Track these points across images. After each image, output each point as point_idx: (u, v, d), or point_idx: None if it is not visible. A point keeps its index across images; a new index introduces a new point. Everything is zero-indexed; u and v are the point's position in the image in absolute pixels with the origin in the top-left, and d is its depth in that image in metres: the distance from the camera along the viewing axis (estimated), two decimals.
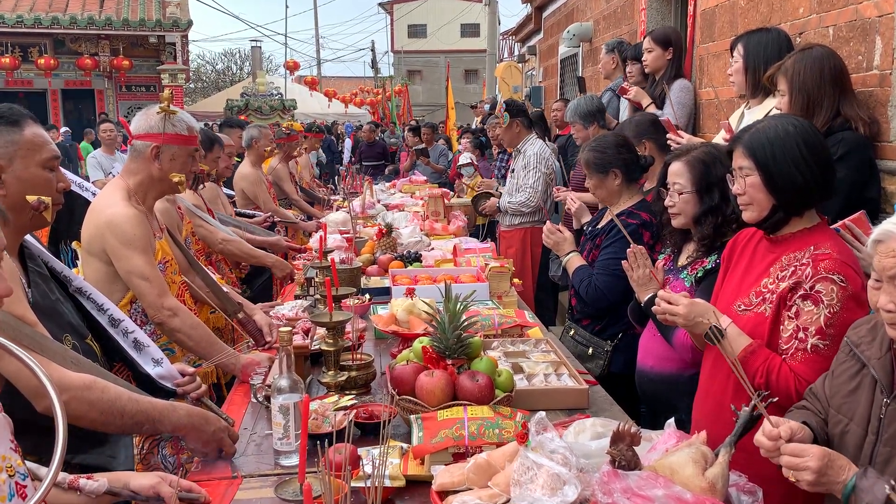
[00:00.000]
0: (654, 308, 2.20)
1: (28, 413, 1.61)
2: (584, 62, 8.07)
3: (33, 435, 1.71)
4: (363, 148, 13.65)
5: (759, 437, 1.58)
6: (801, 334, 1.91)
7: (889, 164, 2.68)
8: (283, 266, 4.26)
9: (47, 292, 1.89)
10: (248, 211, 5.47)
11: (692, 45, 4.71)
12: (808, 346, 1.90)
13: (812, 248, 1.96)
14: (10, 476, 1.24)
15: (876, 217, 2.35)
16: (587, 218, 3.78)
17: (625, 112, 4.82)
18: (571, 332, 3.31)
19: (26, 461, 1.43)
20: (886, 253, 1.49)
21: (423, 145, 10.53)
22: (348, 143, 18.04)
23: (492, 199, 5.70)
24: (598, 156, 3.22)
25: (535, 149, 5.34)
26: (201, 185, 4.12)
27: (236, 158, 6.25)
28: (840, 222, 2.21)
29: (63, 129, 14.42)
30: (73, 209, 2.79)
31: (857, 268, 1.93)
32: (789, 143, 1.96)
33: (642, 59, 4.51)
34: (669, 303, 2.11)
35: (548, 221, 3.46)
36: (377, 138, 14.07)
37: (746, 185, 2.02)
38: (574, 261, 3.26)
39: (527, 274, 5.32)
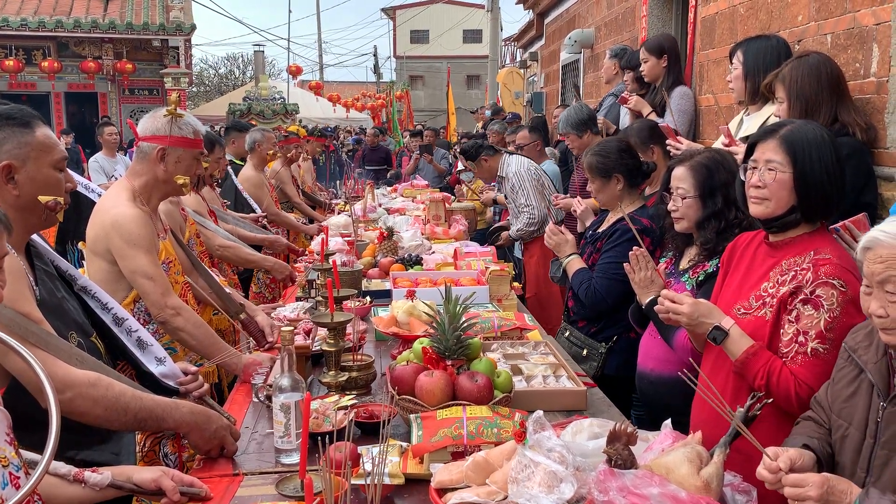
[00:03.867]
0: (656, 307, 2.21)
1: (33, 409, 1.64)
2: (586, 68, 8.10)
3: (38, 431, 1.73)
4: (366, 152, 13.67)
5: (761, 471, 1.58)
6: (801, 338, 1.93)
7: (885, 171, 2.70)
8: (283, 268, 4.27)
9: (54, 290, 1.91)
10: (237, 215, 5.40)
11: (692, 52, 4.74)
12: (808, 350, 1.91)
13: (812, 252, 1.98)
14: (3, 467, 1.26)
15: (873, 222, 2.37)
16: (592, 220, 3.81)
17: (625, 118, 4.85)
18: (567, 334, 3.34)
19: (30, 453, 1.46)
20: (874, 259, 1.52)
21: (428, 142, 10.59)
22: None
23: (504, 232, 5.68)
24: (602, 160, 3.24)
25: (513, 167, 5.33)
26: (205, 186, 4.14)
27: (238, 161, 6.29)
28: (840, 223, 2.23)
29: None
30: (80, 210, 2.82)
31: (856, 273, 1.95)
32: (826, 150, 1.97)
33: (639, 69, 4.54)
34: (674, 302, 2.13)
35: (550, 223, 3.48)
36: (381, 143, 14.09)
37: (772, 180, 1.99)
38: (574, 263, 3.29)
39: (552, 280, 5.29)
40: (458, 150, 5.44)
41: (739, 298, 2.12)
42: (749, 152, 2.10)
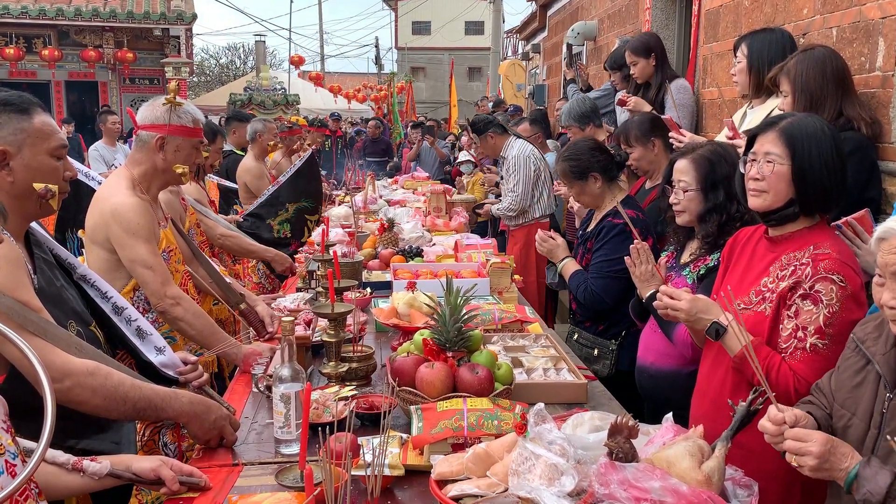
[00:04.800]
0: (655, 303, 2.20)
1: (33, 398, 1.63)
2: (589, 60, 8.07)
3: (37, 420, 1.72)
4: (367, 143, 13.64)
5: (764, 422, 1.59)
6: (800, 333, 1.92)
7: (890, 165, 2.69)
8: (283, 259, 4.27)
9: (53, 279, 1.90)
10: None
11: (696, 45, 4.72)
12: (808, 346, 1.90)
13: (812, 247, 1.96)
14: (0, 454, 1.26)
15: (876, 218, 2.36)
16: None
17: (622, 114, 4.83)
18: (575, 336, 3.34)
19: (28, 441, 1.45)
20: (889, 250, 1.51)
21: (431, 124, 10.61)
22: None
23: (486, 205, 5.93)
24: (575, 164, 3.26)
25: (515, 151, 5.45)
26: (206, 176, 4.13)
27: (239, 151, 6.27)
28: (843, 219, 2.22)
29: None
30: (79, 198, 2.81)
31: (856, 268, 1.94)
32: (826, 144, 1.95)
33: (630, 72, 4.50)
34: (672, 298, 2.12)
35: (539, 230, 3.50)
36: (381, 135, 14.06)
37: (770, 172, 1.98)
38: (569, 266, 3.30)
39: (530, 270, 5.33)
40: (467, 121, 5.54)
41: (739, 294, 2.10)
42: (750, 145, 2.09)
